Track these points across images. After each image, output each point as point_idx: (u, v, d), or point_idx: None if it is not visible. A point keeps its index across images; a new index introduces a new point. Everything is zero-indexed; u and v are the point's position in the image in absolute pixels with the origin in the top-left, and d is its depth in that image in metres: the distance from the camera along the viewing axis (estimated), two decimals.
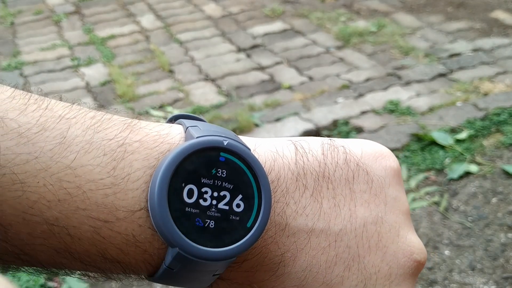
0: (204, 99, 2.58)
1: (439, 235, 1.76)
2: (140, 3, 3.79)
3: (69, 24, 3.53)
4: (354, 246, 0.29)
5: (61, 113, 0.25)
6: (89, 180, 0.24)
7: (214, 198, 0.26)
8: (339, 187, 0.30)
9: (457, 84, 2.55)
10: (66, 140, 0.25)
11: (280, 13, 3.48)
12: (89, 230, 0.24)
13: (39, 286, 1.65)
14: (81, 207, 0.24)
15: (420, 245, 0.32)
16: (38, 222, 0.24)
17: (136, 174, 0.25)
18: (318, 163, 0.30)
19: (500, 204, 1.86)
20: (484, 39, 2.97)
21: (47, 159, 0.24)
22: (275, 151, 0.29)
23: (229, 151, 0.27)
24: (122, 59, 3.02)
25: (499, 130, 2.21)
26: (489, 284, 1.58)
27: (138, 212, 0.25)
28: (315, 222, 0.28)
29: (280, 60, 2.90)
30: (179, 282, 0.28)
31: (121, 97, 2.60)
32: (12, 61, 3.03)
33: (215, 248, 0.26)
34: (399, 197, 0.32)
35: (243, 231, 0.27)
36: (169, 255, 0.26)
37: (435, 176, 2.00)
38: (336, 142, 0.31)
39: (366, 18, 3.35)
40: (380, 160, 0.32)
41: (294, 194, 0.28)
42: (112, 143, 0.25)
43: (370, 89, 2.56)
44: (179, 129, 0.28)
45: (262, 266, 0.28)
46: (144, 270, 0.27)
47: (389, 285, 0.30)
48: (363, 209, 0.30)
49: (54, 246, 0.24)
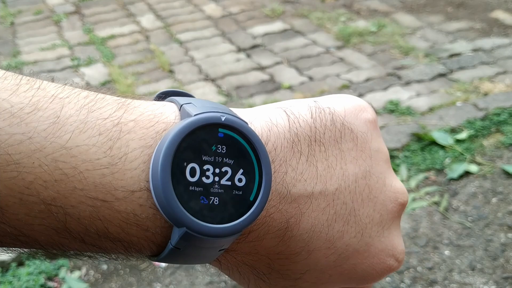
0: (204, 99, 2.57)
1: (439, 235, 1.76)
2: (140, 3, 3.79)
3: (69, 24, 3.53)
4: (349, 202, 0.31)
5: (54, 92, 0.25)
6: (85, 160, 0.24)
7: (216, 175, 0.26)
8: (329, 148, 0.31)
9: (457, 84, 2.55)
10: (59, 119, 0.24)
11: (280, 13, 3.48)
12: (88, 209, 0.24)
13: (39, 286, 1.65)
14: (78, 187, 0.24)
15: (402, 188, 0.34)
16: (35, 202, 0.24)
17: (133, 154, 0.25)
18: (309, 128, 0.30)
19: (500, 204, 1.86)
20: (484, 39, 2.97)
21: (41, 139, 0.24)
22: (269, 121, 0.30)
23: (227, 127, 0.27)
24: (122, 59, 3.02)
25: (499, 130, 2.21)
26: (489, 284, 1.58)
27: (138, 192, 0.25)
28: (313, 186, 0.30)
29: (280, 60, 2.90)
30: (185, 260, 0.28)
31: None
32: (12, 61, 3.03)
33: (221, 224, 0.26)
34: (380, 148, 0.34)
35: (247, 204, 0.27)
36: (176, 235, 0.26)
37: (435, 176, 2.00)
38: (321, 103, 0.32)
39: (366, 18, 3.35)
40: (361, 114, 0.33)
41: (291, 162, 0.29)
42: (107, 123, 0.25)
43: (370, 89, 2.56)
44: (173, 107, 0.28)
45: (268, 235, 0.29)
46: (147, 248, 0.27)
47: (382, 230, 0.33)
48: (353, 166, 0.31)
49: (53, 226, 0.24)
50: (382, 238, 0.33)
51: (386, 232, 0.33)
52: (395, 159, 2.08)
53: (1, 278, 1.66)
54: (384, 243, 0.33)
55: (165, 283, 1.66)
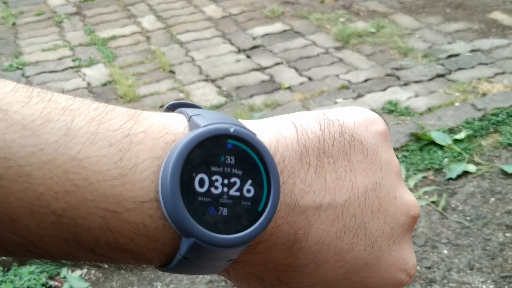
0: (205, 99, 2.59)
1: (437, 234, 1.77)
2: (141, 4, 3.80)
3: (70, 25, 3.54)
4: (359, 214, 0.31)
5: (65, 104, 0.26)
6: (96, 172, 0.24)
7: (225, 186, 0.27)
8: (338, 160, 0.31)
9: (455, 85, 2.56)
10: (71, 131, 0.24)
11: (280, 14, 3.49)
12: (98, 220, 0.25)
13: (41, 285, 1.66)
14: (89, 198, 0.24)
15: (414, 201, 0.34)
16: (46, 213, 0.24)
17: (143, 165, 0.25)
18: (317, 139, 0.30)
19: (498, 204, 1.87)
20: (482, 40, 2.98)
21: (52, 151, 0.24)
22: (277, 133, 0.30)
23: (236, 138, 0.27)
24: (123, 59, 3.03)
25: (497, 130, 2.22)
26: (487, 283, 1.59)
27: (147, 203, 0.25)
28: (322, 198, 0.29)
29: (280, 61, 2.91)
30: (194, 270, 0.28)
31: (122, 97, 2.61)
32: (14, 62, 3.05)
33: (229, 235, 0.26)
34: (391, 160, 0.33)
35: (255, 215, 0.27)
36: (184, 245, 0.26)
37: (433, 176, 2.01)
38: (330, 115, 0.32)
39: (365, 19, 3.37)
40: (371, 126, 0.33)
41: (299, 173, 0.29)
42: (117, 134, 0.25)
43: (369, 90, 2.58)
44: (182, 119, 0.29)
45: (276, 246, 0.29)
46: (156, 259, 0.27)
47: (393, 243, 0.32)
48: (362, 178, 0.31)
49: (64, 237, 0.25)
50: (392, 251, 0.32)
51: (397, 245, 0.33)
52: None
53: (3, 277, 1.67)
54: (395, 257, 0.32)
55: (166, 282, 1.67)
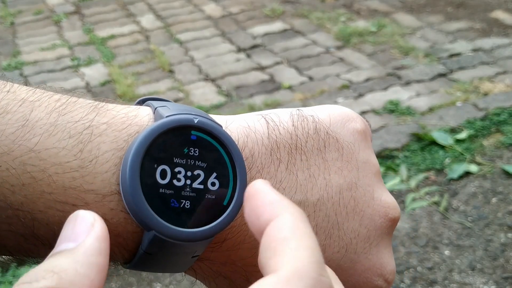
0: (204, 99, 2.58)
1: (439, 235, 1.76)
2: (140, 3, 3.79)
3: (69, 24, 3.53)
4: (332, 214, 0.30)
5: (24, 96, 0.25)
6: (54, 163, 0.24)
7: (188, 178, 0.26)
8: (312, 157, 0.30)
9: (457, 84, 2.55)
10: (28, 122, 0.24)
11: (280, 13, 3.48)
12: (57, 214, 0.24)
13: None
14: (47, 191, 0.24)
15: (393, 203, 0.32)
16: (2, 207, 0.23)
17: (104, 157, 0.25)
18: (290, 135, 0.29)
19: (500, 204, 1.86)
20: (484, 39, 2.97)
21: (9, 142, 0.23)
22: (247, 127, 0.29)
23: (200, 129, 0.27)
24: (122, 59, 3.02)
25: (499, 130, 2.21)
26: (489, 284, 1.58)
27: (108, 196, 0.25)
28: (292, 195, 0.28)
29: (280, 60, 2.90)
30: (158, 267, 0.27)
31: (121, 97, 2.60)
32: (12, 61, 3.03)
33: (192, 229, 0.26)
34: (369, 160, 0.32)
35: (220, 209, 0.26)
36: (146, 239, 0.25)
37: (435, 176, 2.00)
38: (305, 112, 0.31)
39: (366, 18, 3.35)
40: (348, 124, 0.32)
41: (269, 169, 0.28)
42: (78, 126, 0.25)
43: (370, 89, 2.56)
44: (148, 111, 0.28)
45: (243, 244, 0.28)
46: (119, 255, 0.26)
47: (369, 246, 0.31)
48: (337, 176, 0.30)
49: (21, 232, 0.24)
50: (369, 255, 0.31)
51: (374, 249, 0.31)
52: (395, 159, 2.08)
53: (1, 278, 1.66)
54: (372, 261, 0.31)
55: (165, 283, 1.66)
